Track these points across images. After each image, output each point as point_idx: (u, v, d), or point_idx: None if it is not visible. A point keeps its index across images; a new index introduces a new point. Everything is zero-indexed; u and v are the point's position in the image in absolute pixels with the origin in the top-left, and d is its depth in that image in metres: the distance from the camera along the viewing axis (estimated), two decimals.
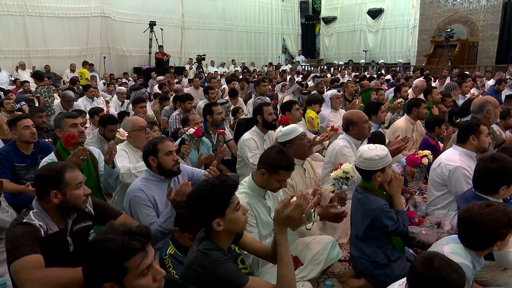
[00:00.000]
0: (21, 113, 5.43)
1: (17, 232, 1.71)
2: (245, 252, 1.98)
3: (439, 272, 1.40)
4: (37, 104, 6.28)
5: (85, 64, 12.16)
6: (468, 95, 6.45)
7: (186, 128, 3.50)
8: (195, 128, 3.47)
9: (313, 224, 1.78)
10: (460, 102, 6.20)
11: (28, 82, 9.46)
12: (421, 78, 7.90)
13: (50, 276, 1.64)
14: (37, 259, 1.66)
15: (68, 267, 1.74)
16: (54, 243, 1.78)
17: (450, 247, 1.80)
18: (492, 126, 3.74)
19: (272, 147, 2.31)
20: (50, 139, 4.23)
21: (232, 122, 5.70)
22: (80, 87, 8.87)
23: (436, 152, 3.56)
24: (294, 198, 1.60)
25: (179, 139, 3.57)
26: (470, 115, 3.82)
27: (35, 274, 1.61)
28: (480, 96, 5.49)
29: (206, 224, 1.60)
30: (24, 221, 1.75)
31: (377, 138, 3.52)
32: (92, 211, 2.01)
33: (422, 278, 1.43)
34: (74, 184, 1.81)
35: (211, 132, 4.20)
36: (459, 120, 5.27)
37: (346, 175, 2.47)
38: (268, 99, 6.19)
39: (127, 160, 3.07)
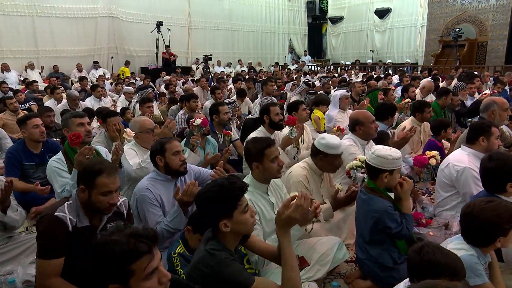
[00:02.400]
0: (26, 112, 5.50)
1: (47, 228, 1.82)
2: None
3: (428, 256, 1.48)
4: None
5: (127, 63, 13.25)
6: (476, 96, 6.37)
7: (193, 120, 3.49)
8: (202, 118, 3.46)
9: (311, 228, 1.79)
10: (468, 102, 6.13)
11: (37, 82, 9.57)
12: (428, 79, 7.83)
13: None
14: (57, 264, 1.81)
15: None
16: (81, 237, 1.84)
17: (453, 244, 1.80)
18: (502, 127, 3.70)
19: (245, 144, 2.41)
20: (58, 139, 4.28)
21: (239, 123, 5.71)
22: (88, 87, 8.93)
23: (442, 154, 3.52)
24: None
25: (186, 136, 3.58)
26: (478, 116, 3.78)
27: (49, 281, 1.80)
28: (490, 96, 5.42)
29: (213, 224, 1.60)
30: (55, 214, 1.83)
31: (382, 138, 3.47)
32: (125, 212, 2.09)
33: (414, 264, 1.51)
34: (101, 190, 1.85)
35: (217, 132, 4.20)
36: (470, 120, 5.22)
37: (361, 164, 2.66)
38: (274, 99, 6.19)
39: (137, 157, 3.09)
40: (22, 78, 10.75)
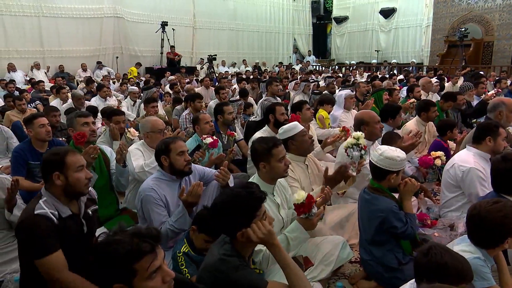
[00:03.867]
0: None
1: (33, 228, 1.74)
2: (256, 249, 1.97)
3: (435, 258, 1.46)
4: None
5: (137, 64, 13.46)
6: (483, 96, 6.33)
7: (205, 136, 3.44)
8: (213, 139, 3.40)
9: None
10: (474, 103, 6.09)
11: (43, 81, 9.64)
12: (434, 79, 7.80)
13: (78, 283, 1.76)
14: (60, 257, 1.76)
15: (83, 248, 1.87)
16: (69, 227, 1.84)
17: (460, 247, 1.79)
18: (508, 128, 3.66)
19: (252, 144, 2.40)
20: (63, 138, 4.30)
21: (243, 121, 5.71)
22: (94, 87, 8.97)
23: (447, 155, 3.50)
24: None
25: (196, 145, 3.55)
26: (485, 116, 3.75)
27: (61, 275, 1.75)
28: (495, 96, 5.39)
29: (230, 234, 1.58)
30: (35, 213, 1.77)
31: (390, 138, 3.45)
32: (96, 196, 2.15)
33: (421, 266, 1.49)
34: (75, 166, 1.88)
35: (222, 132, 4.20)
36: (475, 120, 5.18)
37: (357, 141, 2.59)
38: (278, 99, 6.19)
39: (142, 159, 3.09)
40: (28, 78, 10.83)
